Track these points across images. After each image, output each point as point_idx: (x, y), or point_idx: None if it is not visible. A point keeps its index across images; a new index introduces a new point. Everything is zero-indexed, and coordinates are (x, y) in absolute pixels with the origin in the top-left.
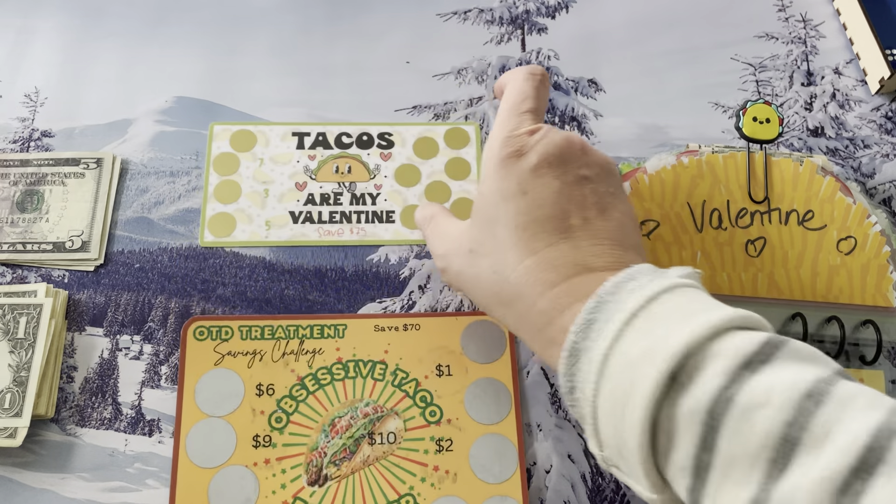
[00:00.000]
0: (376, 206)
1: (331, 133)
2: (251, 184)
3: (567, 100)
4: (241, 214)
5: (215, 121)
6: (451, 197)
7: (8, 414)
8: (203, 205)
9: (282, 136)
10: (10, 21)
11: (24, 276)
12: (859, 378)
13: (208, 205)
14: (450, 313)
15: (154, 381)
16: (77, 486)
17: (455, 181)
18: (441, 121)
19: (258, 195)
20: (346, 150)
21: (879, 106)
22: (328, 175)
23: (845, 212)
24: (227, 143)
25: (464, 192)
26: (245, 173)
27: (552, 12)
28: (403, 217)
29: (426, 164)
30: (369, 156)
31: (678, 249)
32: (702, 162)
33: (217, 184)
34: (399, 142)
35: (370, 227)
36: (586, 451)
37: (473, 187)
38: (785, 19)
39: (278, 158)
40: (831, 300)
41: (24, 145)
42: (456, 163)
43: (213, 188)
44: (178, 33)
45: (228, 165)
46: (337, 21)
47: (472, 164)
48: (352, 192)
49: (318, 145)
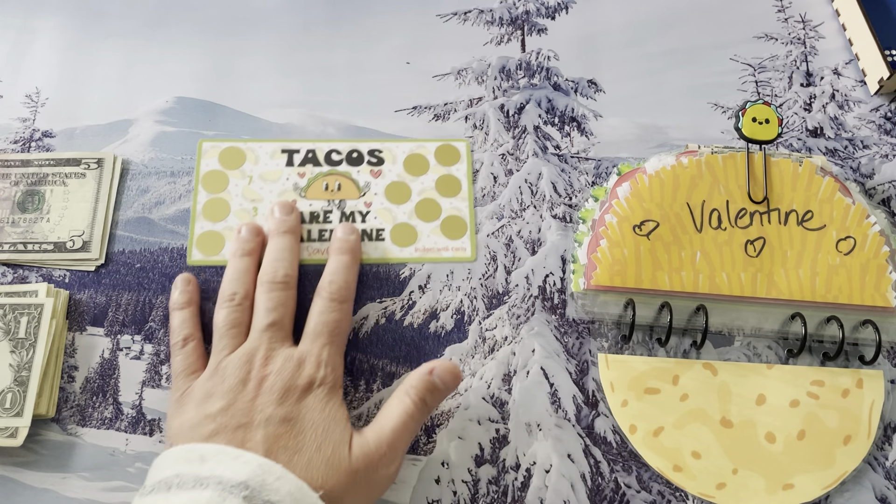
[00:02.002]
0: (366, 223)
1: (320, 150)
2: (240, 202)
3: (567, 100)
4: (230, 233)
5: (215, 121)
6: (441, 214)
7: (9, 413)
8: (191, 223)
9: (271, 153)
10: (11, 21)
11: (25, 275)
12: (858, 378)
13: (196, 223)
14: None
15: (155, 381)
16: (78, 485)
17: (446, 198)
18: (432, 138)
19: (247, 213)
20: (336, 168)
21: (879, 106)
22: (318, 193)
23: (844, 212)
24: (216, 160)
25: (454, 209)
26: (234, 191)
27: (552, 13)
28: (393, 235)
29: (416, 182)
30: (359, 173)
31: (678, 249)
32: (701, 162)
33: (205, 202)
34: (389, 159)
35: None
36: (586, 451)
37: (464, 204)
38: (784, 20)
39: (267, 176)
40: (830, 300)
41: (25, 145)
42: (446, 180)
43: (202, 206)
44: (178, 33)
45: (217, 183)
46: (337, 21)
47: (463, 181)
48: (341, 209)
49: (307, 162)
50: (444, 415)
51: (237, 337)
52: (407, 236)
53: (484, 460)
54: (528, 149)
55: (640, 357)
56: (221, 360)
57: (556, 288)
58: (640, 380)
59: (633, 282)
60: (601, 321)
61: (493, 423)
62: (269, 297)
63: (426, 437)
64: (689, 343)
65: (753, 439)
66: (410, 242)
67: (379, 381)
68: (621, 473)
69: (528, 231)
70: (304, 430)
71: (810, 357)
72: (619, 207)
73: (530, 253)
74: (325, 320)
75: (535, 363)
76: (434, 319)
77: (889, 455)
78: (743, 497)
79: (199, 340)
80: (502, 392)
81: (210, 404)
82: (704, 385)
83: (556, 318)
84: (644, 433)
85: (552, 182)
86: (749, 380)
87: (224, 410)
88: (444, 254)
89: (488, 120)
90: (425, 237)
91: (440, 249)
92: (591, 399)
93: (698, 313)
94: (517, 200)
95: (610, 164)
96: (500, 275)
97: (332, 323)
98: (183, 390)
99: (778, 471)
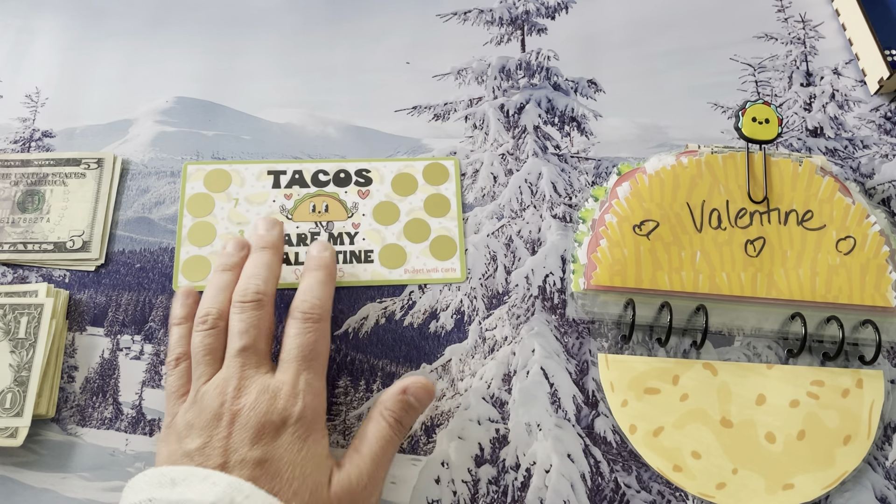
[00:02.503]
0: (354, 245)
1: (307, 171)
2: (226, 225)
3: (567, 100)
4: (216, 258)
5: (215, 121)
6: (430, 235)
7: (9, 413)
8: (177, 248)
9: (257, 174)
10: (11, 21)
11: (25, 275)
12: (858, 378)
13: (182, 248)
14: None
15: (155, 381)
16: (78, 485)
17: (434, 218)
18: (419, 155)
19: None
20: (324, 189)
21: (878, 106)
22: (305, 215)
23: (844, 212)
24: (201, 183)
25: (443, 228)
26: (220, 214)
27: (552, 13)
28: (382, 257)
29: (405, 202)
30: (347, 193)
31: (678, 249)
32: (701, 162)
33: (191, 226)
34: (377, 178)
35: (348, 267)
36: (586, 451)
37: (453, 224)
38: (784, 20)
39: (253, 198)
40: (830, 300)
41: (24, 145)
42: (435, 199)
43: (187, 231)
44: (178, 33)
45: (202, 206)
46: (337, 21)
47: (452, 200)
48: (329, 231)
49: (294, 184)
50: (444, 415)
51: (212, 364)
52: (396, 258)
53: (484, 460)
54: (528, 149)
55: (640, 357)
56: (199, 388)
57: (556, 288)
58: (640, 380)
59: (633, 282)
60: (601, 321)
61: (493, 423)
62: (240, 318)
63: (426, 437)
64: (689, 343)
65: (753, 439)
66: (399, 264)
67: (379, 381)
68: (621, 473)
69: (528, 231)
70: (280, 472)
71: (810, 357)
72: (619, 207)
73: (530, 253)
74: (299, 343)
75: (535, 363)
76: (434, 319)
77: (889, 455)
78: (743, 497)
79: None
80: (502, 392)
81: (189, 441)
82: (704, 385)
83: (556, 318)
84: (644, 433)
85: (552, 182)
86: (749, 380)
87: (200, 450)
88: (433, 275)
89: (488, 120)
90: (414, 258)
91: (430, 271)
92: (591, 399)
93: (698, 313)
94: (517, 200)
95: (610, 164)
96: (500, 275)
97: (308, 346)
98: (172, 416)
99: (778, 471)
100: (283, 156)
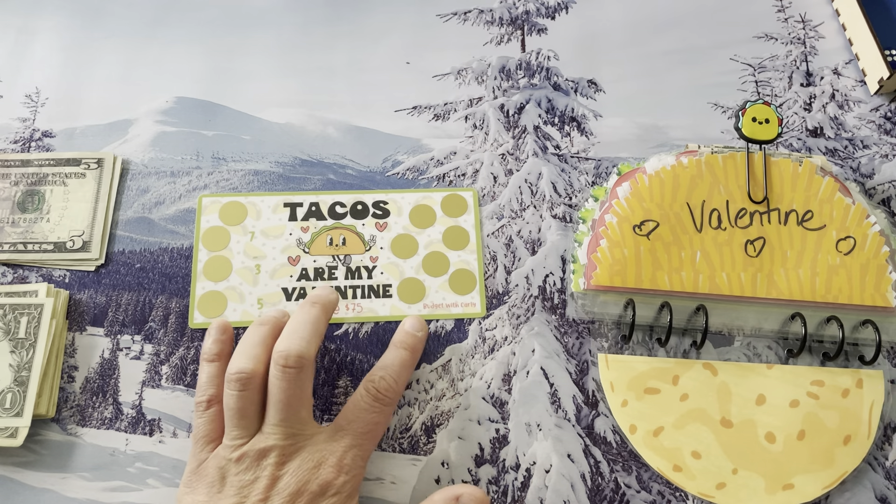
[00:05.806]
0: (372, 279)
1: (324, 203)
2: (242, 259)
3: (567, 100)
4: (232, 293)
5: (214, 121)
6: (449, 268)
7: (9, 413)
8: (192, 284)
9: (273, 207)
10: (11, 21)
11: (25, 275)
12: (858, 378)
13: (198, 283)
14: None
15: (155, 381)
16: (78, 485)
17: (453, 251)
18: (438, 186)
19: (249, 272)
20: (341, 221)
21: (878, 106)
22: (322, 248)
23: (844, 212)
24: (217, 216)
25: (463, 262)
26: (235, 248)
27: (552, 13)
28: (400, 291)
29: (423, 234)
30: (364, 226)
31: (678, 249)
32: (701, 162)
33: (206, 260)
34: (395, 210)
35: (366, 302)
36: (586, 451)
37: (472, 257)
38: (784, 20)
39: (270, 231)
40: (830, 300)
41: (25, 145)
42: (454, 231)
43: (203, 265)
44: (178, 33)
45: (218, 240)
46: (337, 21)
47: (472, 233)
48: (346, 265)
49: (311, 216)
50: (444, 415)
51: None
52: (415, 292)
53: (484, 460)
54: (528, 149)
55: (640, 357)
56: (237, 448)
57: (556, 288)
58: (640, 380)
59: (633, 282)
60: (601, 321)
61: (493, 423)
62: (280, 388)
63: (426, 437)
64: (689, 343)
65: (753, 439)
66: (419, 299)
67: None
68: (621, 473)
69: (528, 231)
70: None
71: (810, 357)
72: (619, 207)
73: (530, 253)
74: (364, 419)
75: (535, 363)
76: (434, 319)
77: (889, 455)
78: (743, 497)
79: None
80: (502, 392)
81: (222, 497)
82: (704, 385)
83: (556, 318)
84: (644, 433)
85: (552, 182)
86: (749, 380)
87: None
88: (453, 310)
89: (488, 120)
90: (433, 293)
91: (449, 305)
92: (591, 399)
93: (698, 313)
94: (517, 200)
95: (610, 164)
96: (500, 275)
97: (370, 424)
98: (200, 461)
99: (778, 471)
100: (283, 156)
